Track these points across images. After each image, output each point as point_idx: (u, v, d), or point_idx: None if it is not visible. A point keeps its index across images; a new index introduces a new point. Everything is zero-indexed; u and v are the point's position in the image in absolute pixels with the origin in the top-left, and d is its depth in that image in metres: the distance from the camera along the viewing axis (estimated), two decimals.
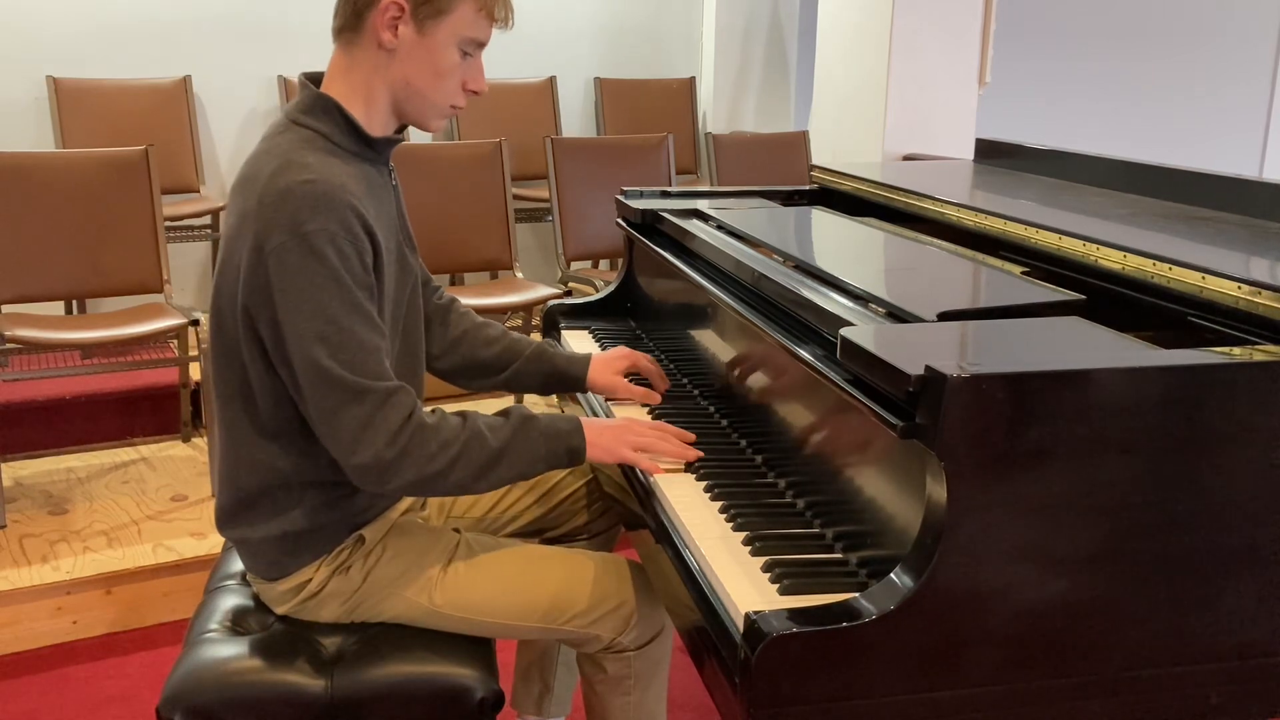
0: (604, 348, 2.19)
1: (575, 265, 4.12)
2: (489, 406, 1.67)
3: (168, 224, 3.54)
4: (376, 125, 1.55)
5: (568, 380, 1.88)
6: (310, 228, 1.39)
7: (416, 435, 1.45)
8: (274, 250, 1.40)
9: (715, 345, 1.89)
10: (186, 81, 4.43)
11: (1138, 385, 1.17)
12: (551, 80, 5.11)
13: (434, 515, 1.84)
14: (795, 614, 1.14)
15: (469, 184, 3.86)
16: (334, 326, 1.41)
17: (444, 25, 1.49)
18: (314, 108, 1.51)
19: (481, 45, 1.54)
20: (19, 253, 3.24)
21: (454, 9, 1.49)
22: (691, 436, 1.65)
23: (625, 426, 1.62)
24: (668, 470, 1.59)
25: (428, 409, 1.51)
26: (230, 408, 1.54)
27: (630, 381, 1.88)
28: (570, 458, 1.57)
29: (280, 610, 1.62)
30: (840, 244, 1.97)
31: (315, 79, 1.55)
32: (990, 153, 2.60)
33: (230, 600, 1.69)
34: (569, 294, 3.77)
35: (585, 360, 1.88)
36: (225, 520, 1.60)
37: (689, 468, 1.61)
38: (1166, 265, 1.47)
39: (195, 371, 3.40)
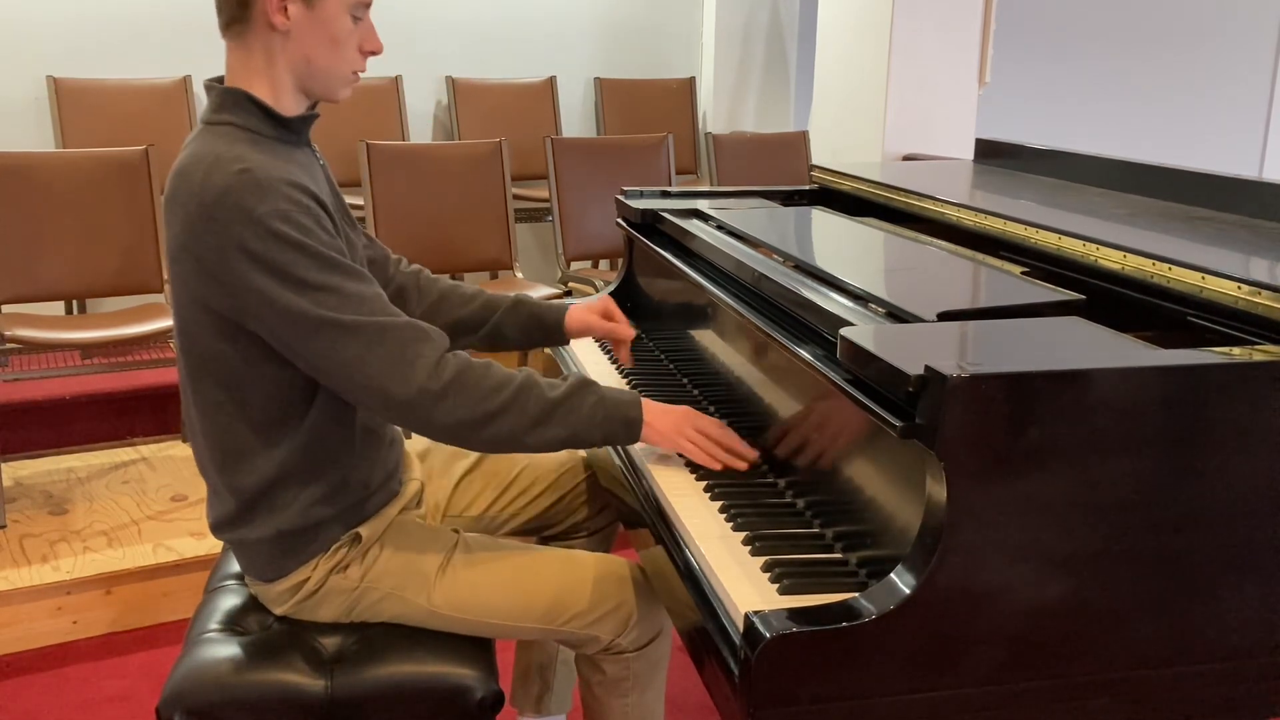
0: (604, 347, 2.19)
1: (575, 265, 4.12)
2: None
3: None
4: (288, 107, 1.53)
5: (546, 325, 1.88)
6: (261, 211, 1.38)
7: (465, 372, 1.44)
8: (234, 245, 1.38)
9: (715, 345, 1.89)
10: (186, 81, 4.43)
11: (1138, 385, 1.17)
12: (551, 80, 5.11)
13: (431, 514, 1.84)
14: (795, 614, 1.14)
15: (469, 184, 3.86)
16: (325, 290, 1.40)
17: None
18: (224, 104, 1.51)
19: (368, 6, 1.54)
20: (19, 253, 3.24)
21: None
22: (750, 453, 1.62)
23: (686, 415, 1.60)
24: (724, 466, 1.57)
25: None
26: (219, 415, 1.52)
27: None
28: (627, 431, 1.55)
29: (279, 611, 1.62)
30: (840, 244, 1.97)
31: (219, 80, 1.55)
32: (990, 153, 2.60)
33: (230, 600, 1.69)
34: (569, 294, 3.78)
35: (562, 308, 1.90)
36: (220, 524, 1.59)
37: (689, 467, 1.61)
38: (1166, 265, 1.47)
39: None
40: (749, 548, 1.37)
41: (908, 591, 1.14)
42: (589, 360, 2.13)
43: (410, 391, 1.42)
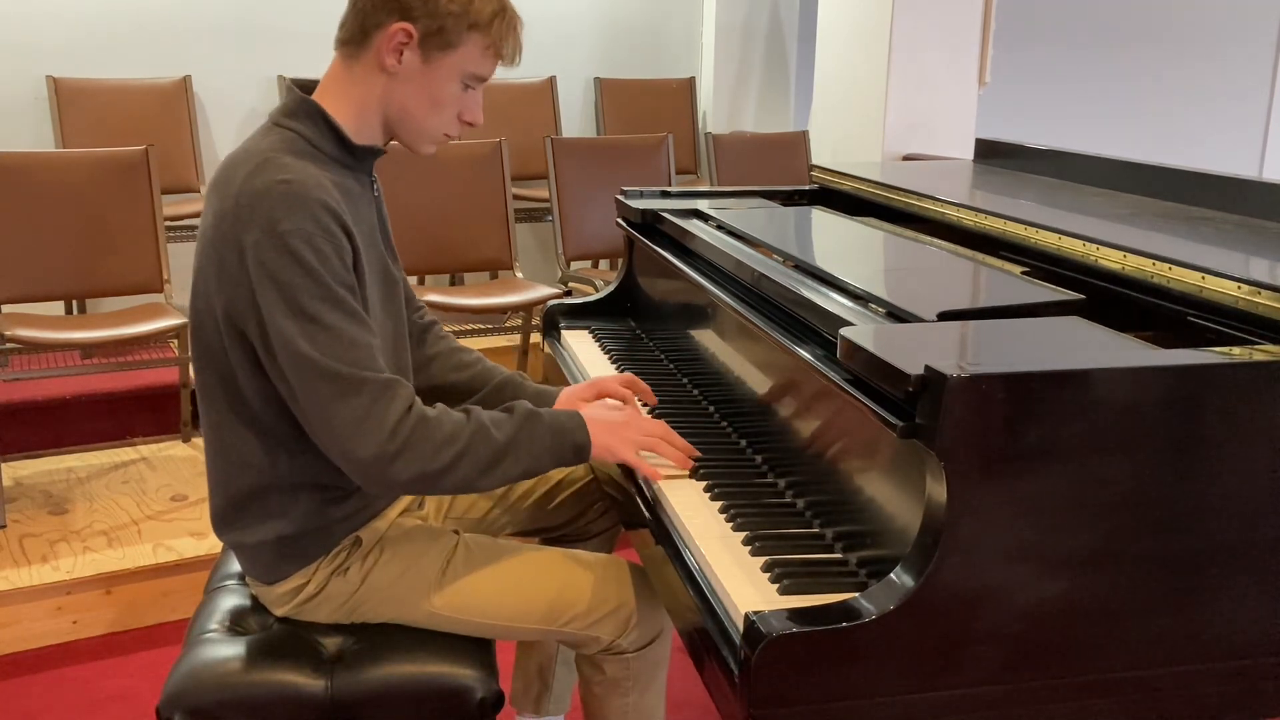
0: (604, 347, 2.19)
1: (575, 265, 4.12)
2: None
3: (168, 224, 3.55)
4: (364, 137, 1.54)
5: None
6: (285, 227, 1.38)
7: (419, 428, 1.43)
8: (251, 250, 1.39)
9: (715, 345, 1.89)
10: (186, 81, 4.43)
11: (1138, 385, 1.17)
12: (551, 80, 5.11)
13: (432, 516, 1.84)
14: (795, 614, 1.14)
15: (469, 184, 3.86)
16: (317, 324, 1.39)
17: (450, 58, 1.48)
18: (297, 111, 1.51)
19: (483, 80, 1.53)
20: (19, 253, 3.24)
21: (462, 44, 1.47)
22: (695, 451, 1.63)
23: (628, 424, 1.60)
24: (669, 476, 1.59)
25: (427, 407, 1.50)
26: (217, 410, 1.52)
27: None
28: (576, 454, 1.56)
29: (279, 612, 1.62)
30: (840, 244, 1.97)
31: (304, 85, 1.54)
32: (990, 153, 2.60)
33: (230, 600, 1.69)
34: (569, 294, 3.78)
35: (553, 396, 1.83)
36: (220, 524, 1.59)
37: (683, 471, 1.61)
38: (1166, 265, 1.47)
39: None
40: (749, 548, 1.37)
41: (908, 592, 1.14)
42: (588, 359, 2.13)
43: (367, 453, 1.40)
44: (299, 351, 1.39)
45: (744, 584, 1.30)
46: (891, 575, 1.16)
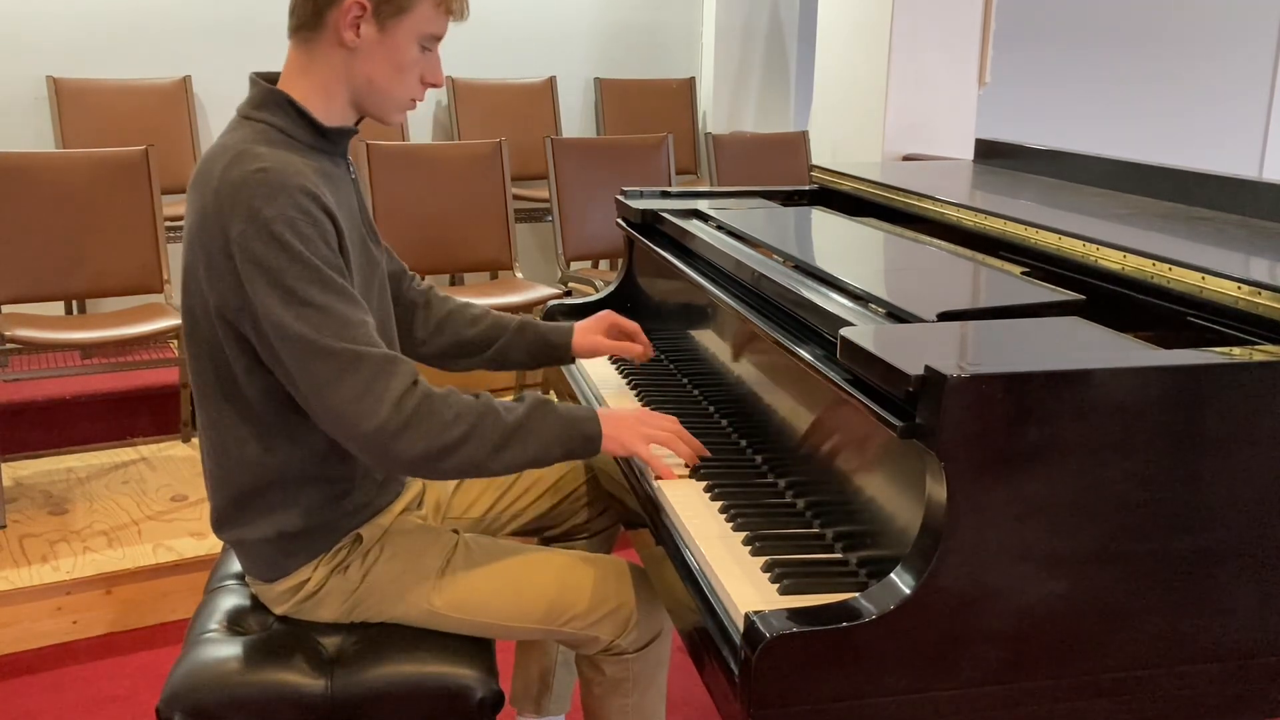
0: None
1: (575, 265, 4.12)
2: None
3: (168, 224, 3.54)
4: (334, 119, 1.54)
5: (554, 348, 1.89)
6: (268, 214, 1.38)
7: (426, 403, 1.43)
8: (236, 241, 1.39)
9: (715, 345, 1.89)
10: (186, 81, 4.43)
11: (1138, 385, 1.17)
12: (551, 80, 5.11)
13: (431, 515, 1.84)
14: (795, 614, 1.14)
15: (469, 184, 3.86)
16: (310, 306, 1.39)
17: (405, 23, 1.49)
18: (265, 102, 1.51)
19: (439, 39, 1.55)
20: (19, 253, 3.24)
21: (415, 7, 1.49)
22: (704, 450, 1.63)
23: (640, 419, 1.60)
24: (680, 475, 1.58)
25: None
26: (215, 408, 1.52)
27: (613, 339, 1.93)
28: (586, 445, 1.55)
29: (279, 611, 1.62)
30: (840, 244, 1.97)
31: (267, 77, 1.55)
32: (990, 153, 2.60)
33: (230, 600, 1.69)
34: (569, 294, 3.78)
35: (570, 329, 1.90)
36: (220, 523, 1.59)
37: (688, 468, 1.60)
38: (1166, 265, 1.47)
39: None
40: (749, 548, 1.37)
41: (908, 591, 1.14)
42: (589, 362, 2.12)
43: (370, 426, 1.40)
44: (294, 333, 1.39)
45: (744, 584, 1.29)
46: (891, 575, 1.16)
